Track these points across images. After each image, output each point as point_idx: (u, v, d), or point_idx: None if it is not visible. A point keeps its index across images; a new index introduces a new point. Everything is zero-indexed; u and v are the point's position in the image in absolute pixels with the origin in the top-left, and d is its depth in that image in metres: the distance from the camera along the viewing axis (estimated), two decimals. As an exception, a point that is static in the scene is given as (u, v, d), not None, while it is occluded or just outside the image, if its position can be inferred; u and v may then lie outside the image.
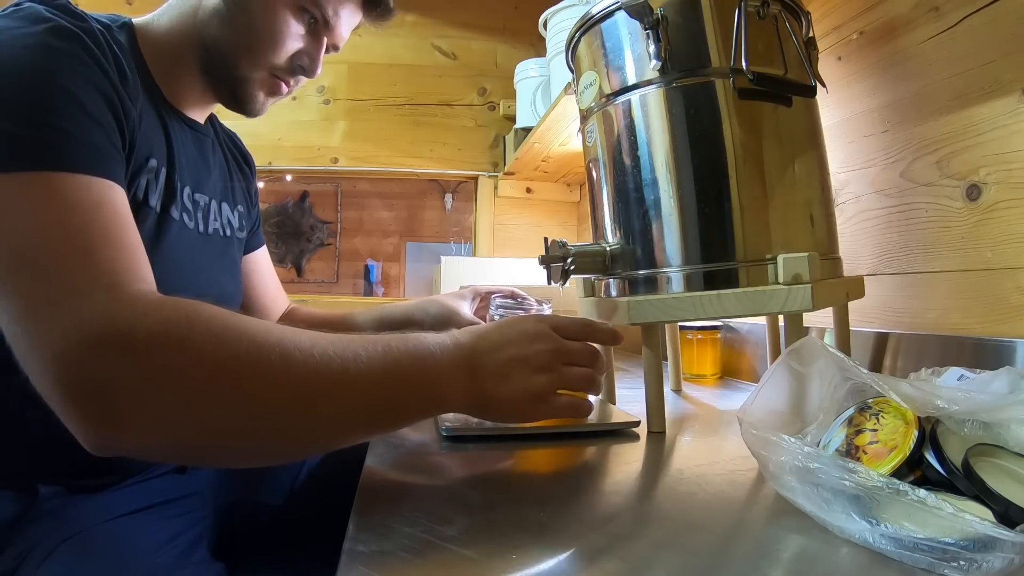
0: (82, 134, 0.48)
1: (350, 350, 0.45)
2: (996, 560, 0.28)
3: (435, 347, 0.49)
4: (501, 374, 0.49)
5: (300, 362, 0.42)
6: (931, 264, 0.72)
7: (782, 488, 0.41)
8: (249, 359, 0.41)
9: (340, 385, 0.43)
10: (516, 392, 0.49)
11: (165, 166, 0.64)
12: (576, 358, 0.53)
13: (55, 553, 0.55)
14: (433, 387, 0.47)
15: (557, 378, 0.51)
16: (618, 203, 0.67)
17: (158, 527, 0.62)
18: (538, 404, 0.50)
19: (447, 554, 0.35)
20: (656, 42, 0.61)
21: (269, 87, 0.71)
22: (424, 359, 0.47)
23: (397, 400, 0.46)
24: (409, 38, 1.99)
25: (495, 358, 0.50)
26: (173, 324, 0.41)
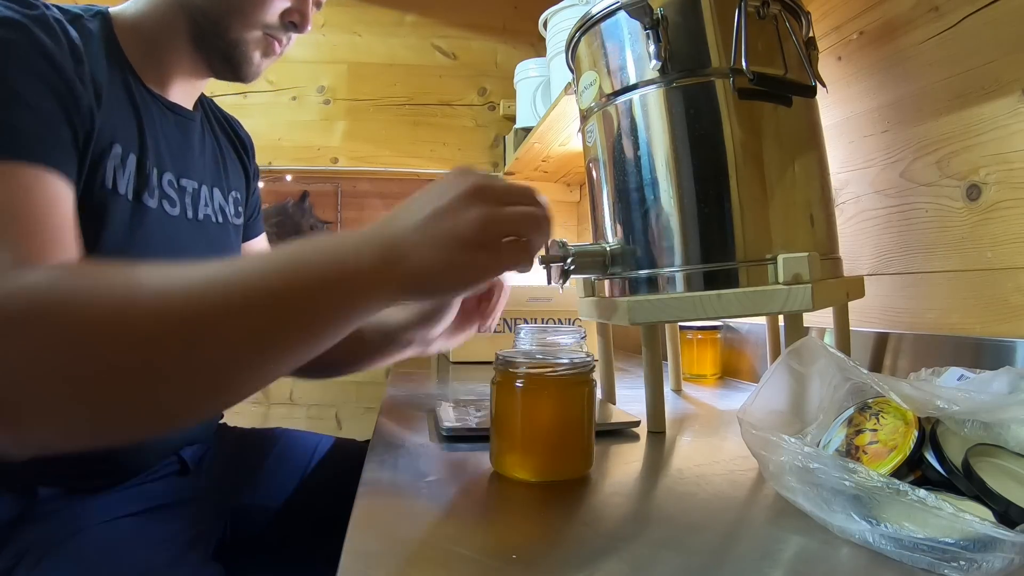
0: (17, 123, 0.48)
1: (251, 263, 0.40)
2: (996, 560, 0.28)
3: (339, 235, 0.43)
4: (420, 228, 0.42)
5: (182, 290, 0.38)
6: (931, 264, 0.72)
7: (782, 488, 0.41)
8: (125, 303, 0.37)
9: (234, 298, 0.38)
10: (442, 241, 0.41)
11: (136, 152, 0.63)
12: (513, 196, 0.44)
13: (52, 553, 0.55)
14: (339, 267, 0.40)
15: (492, 213, 0.42)
16: (618, 203, 0.67)
17: (155, 528, 0.63)
18: (476, 253, 0.42)
19: (447, 554, 0.35)
20: (656, 42, 0.61)
21: (263, 47, 0.70)
22: (324, 243, 0.42)
23: (299, 296, 0.40)
24: (409, 38, 1.99)
25: (410, 215, 0.43)
26: (34, 292, 0.37)
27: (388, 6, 1.97)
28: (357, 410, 1.91)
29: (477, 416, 0.66)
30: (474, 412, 0.68)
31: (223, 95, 1.86)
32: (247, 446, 0.86)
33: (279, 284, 0.39)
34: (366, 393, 1.92)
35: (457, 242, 0.41)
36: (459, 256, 0.41)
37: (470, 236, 0.41)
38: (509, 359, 0.49)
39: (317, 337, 0.41)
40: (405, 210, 0.44)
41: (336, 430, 1.90)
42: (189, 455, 0.74)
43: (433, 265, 0.41)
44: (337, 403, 1.91)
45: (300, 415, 1.89)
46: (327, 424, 1.90)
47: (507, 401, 0.49)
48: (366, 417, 1.90)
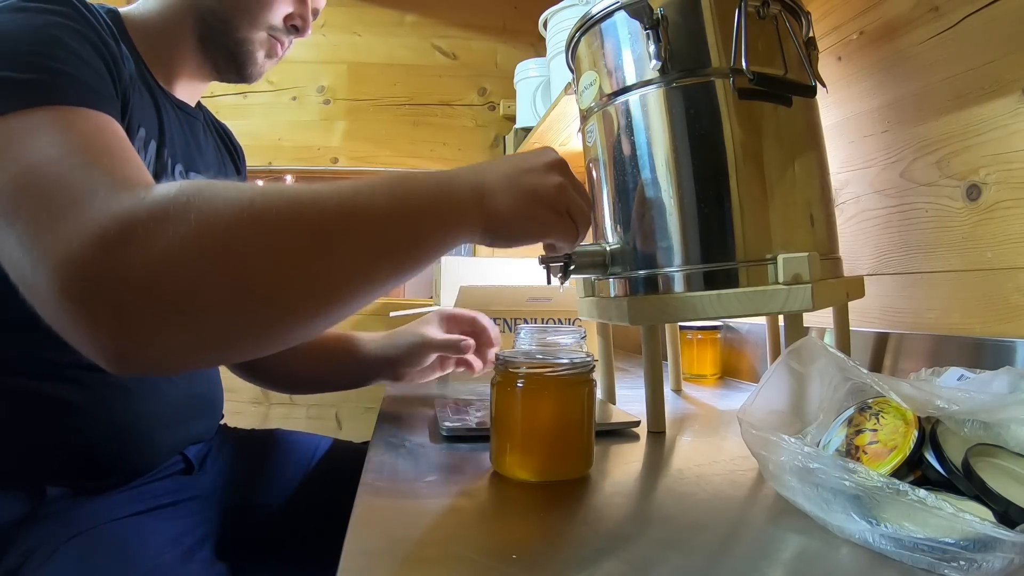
0: (79, 75, 0.49)
1: (358, 185, 0.43)
2: (996, 560, 0.28)
3: (437, 172, 0.49)
4: (508, 179, 0.50)
5: (309, 202, 0.40)
6: (931, 264, 0.72)
7: (782, 488, 0.41)
8: (255, 211, 0.38)
9: (354, 216, 0.42)
10: (523, 194, 0.50)
11: (155, 140, 0.66)
12: (579, 186, 0.54)
13: (59, 551, 0.55)
14: (441, 196, 0.47)
15: (567, 186, 0.52)
16: (618, 203, 0.67)
17: (162, 527, 0.63)
18: (546, 211, 0.51)
19: (447, 554, 0.35)
20: (656, 42, 0.61)
21: (267, 48, 0.74)
22: (426, 176, 0.48)
23: (408, 217, 0.44)
24: (409, 38, 1.99)
25: (500, 169, 0.51)
26: (171, 200, 0.38)
27: (388, 6, 1.97)
28: (357, 410, 1.91)
29: (477, 416, 0.66)
30: (474, 412, 0.68)
31: (223, 95, 1.86)
32: (248, 447, 0.86)
33: (390, 204, 0.44)
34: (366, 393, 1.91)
35: (535, 198, 0.50)
36: (535, 209, 0.50)
37: (545, 197, 0.51)
38: (509, 359, 0.49)
39: (415, 259, 0.45)
40: (495, 164, 0.51)
41: (336, 430, 1.90)
42: (193, 454, 0.74)
43: (512, 211, 0.49)
44: (337, 403, 1.91)
45: (300, 415, 1.89)
46: (327, 424, 1.90)
47: (507, 401, 0.49)
48: (366, 417, 1.90)
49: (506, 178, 0.50)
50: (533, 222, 0.50)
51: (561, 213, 0.52)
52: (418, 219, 0.45)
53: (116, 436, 0.63)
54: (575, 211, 0.53)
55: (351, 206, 0.42)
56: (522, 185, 0.50)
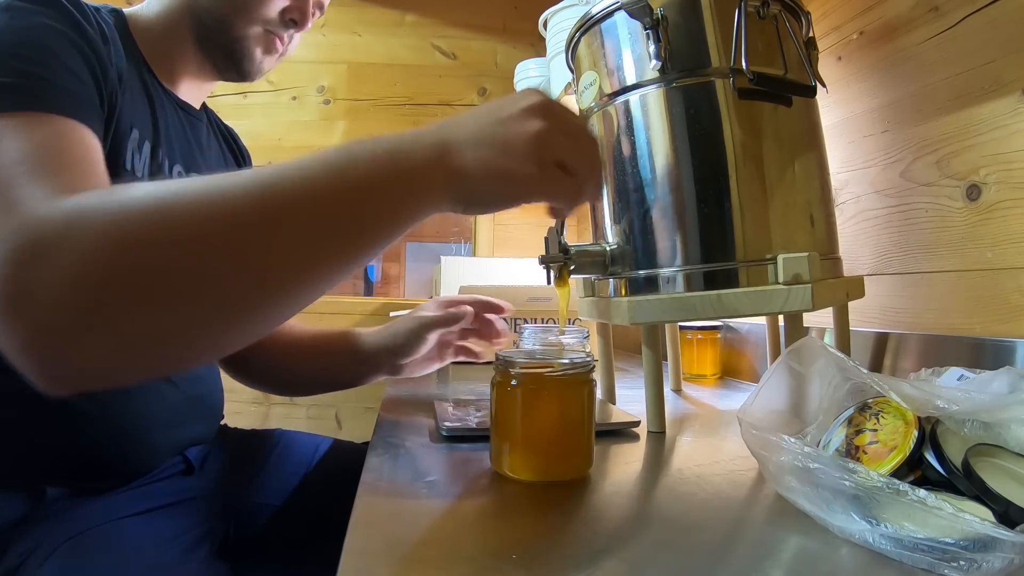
0: (54, 80, 0.49)
1: (289, 164, 0.38)
2: (996, 560, 0.28)
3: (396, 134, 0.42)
4: (477, 131, 0.42)
5: (225, 190, 0.36)
6: (931, 264, 0.72)
7: (782, 488, 0.41)
8: (164, 207, 0.35)
9: (277, 201, 0.36)
10: (495, 145, 0.41)
11: (150, 140, 0.66)
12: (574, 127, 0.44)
13: (58, 551, 0.55)
14: (391, 163, 0.40)
15: (550, 130, 0.42)
16: (618, 203, 0.67)
17: (162, 527, 0.63)
18: (525, 164, 0.41)
19: (447, 554, 0.35)
20: (656, 42, 0.61)
21: (265, 44, 0.73)
22: (377, 141, 0.41)
23: (349, 195, 0.38)
24: (409, 38, 1.99)
25: (470, 119, 0.43)
26: (84, 206, 0.35)
27: (388, 6, 1.97)
28: (357, 410, 1.91)
29: (477, 416, 0.66)
30: (474, 412, 0.68)
31: (223, 95, 1.86)
32: (249, 447, 0.86)
33: (326, 181, 0.38)
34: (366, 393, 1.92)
35: (509, 149, 0.41)
36: (508, 163, 0.41)
37: (522, 146, 0.41)
38: (509, 359, 0.49)
39: (367, 241, 0.39)
40: (466, 115, 0.44)
41: (336, 430, 1.90)
42: (194, 455, 0.74)
43: (483, 167, 0.41)
44: (337, 403, 1.91)
45: (300, 415, 1.89)
46: (327, 424, 1.90)
47: (507, 401, 0.49)
48: (366, 417, 1.90)
49: (473, 131, 0.42)
50: (508, 179, 0.41)
51: (545, 165, 0.42)
52: (363, 195, 0.39)
53: (116, 437, 0.63)
54: (570, 159, 0.43)
55: (274, 191, 0.36)
56: (493, 136, 0.42)
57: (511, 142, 0.41)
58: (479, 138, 0.42)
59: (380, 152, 0.40)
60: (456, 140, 0.42)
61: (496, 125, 0.42)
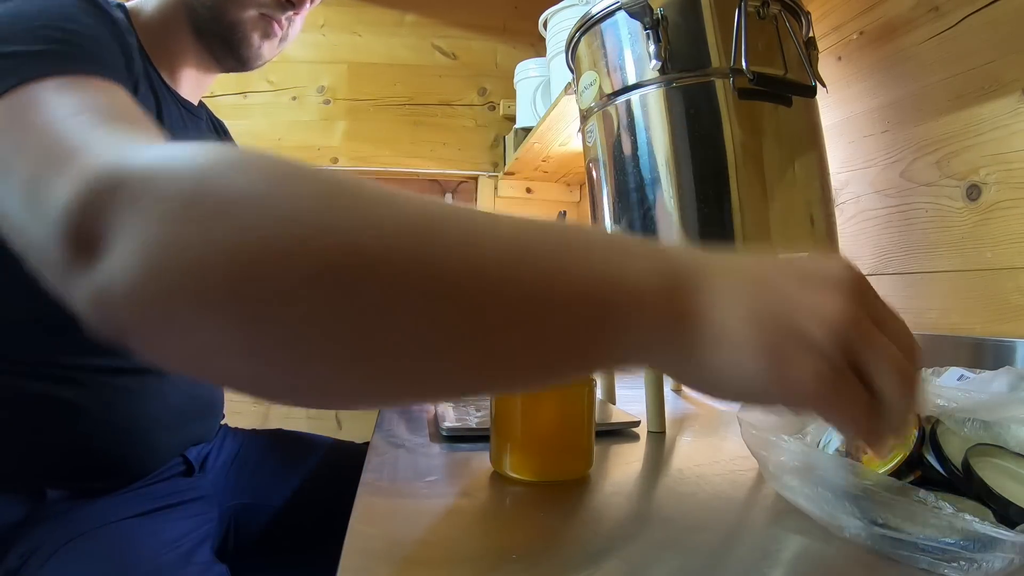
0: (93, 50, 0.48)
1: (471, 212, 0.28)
2: (996, 560, 0.28)
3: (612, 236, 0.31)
4: (749, 284, 0.28)
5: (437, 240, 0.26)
6: (931, 264, 0.72)
7: (782, 488, 0.41)
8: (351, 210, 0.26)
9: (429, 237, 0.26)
10: (763, 309, 0.27)
11: None
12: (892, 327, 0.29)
13: (59, 553, 0.55)
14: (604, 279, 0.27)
15: (859, 324, 0.28)
16: (618, 203, 0.67)
17: (162, 528, 0.63)
18: (804, 357, 0.27)
19: (447, 554, 0.35)
20: (656, 42, 0.61)
21: (262, 29, 0.71)
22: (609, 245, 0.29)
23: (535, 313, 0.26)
24: (409, 38, 1.99)
25: (741, 264, 0.30)
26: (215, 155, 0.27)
27: (388, 6, 1.97)
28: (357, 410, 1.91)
29: (477, 416, 0.66)
30: (474, 412, 0.68)
31: (223, 95, 1.86)
32: (248, 447, 0.86)
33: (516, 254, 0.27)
34: (366, 393, 1.92)
35: (793, 322, 0.27)
36: (784, 341, 0.27)
37: (816, 326, 0.27)
38: None
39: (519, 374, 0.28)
40: (735, 254, 0.31)
41: (336, 430, 1.90)
42: (194, 455, 0.74)
43: (739, 332, 0.27)
44: (337, 403, 1.91)
45: (300, 415, 1.89)
46: (327, 424, 1.90)
47: (507, 401, 0.49)
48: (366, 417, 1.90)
49: (740, 274, 0.29)
50: (778, 365, 0.27)
51: (838, 364, 0.27)
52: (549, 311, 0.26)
53: (117, 438, 0.63)
54: (876, 367, 0.28)
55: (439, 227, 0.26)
56: (771, 293, 0.28)
57: (799, 313, 0.27)
58: (747, 289, 0.28)
59: (597, 259, 0.28)
60: (706, 276, 0.28)
61: (780, 279, 0.29)
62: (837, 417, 0.28)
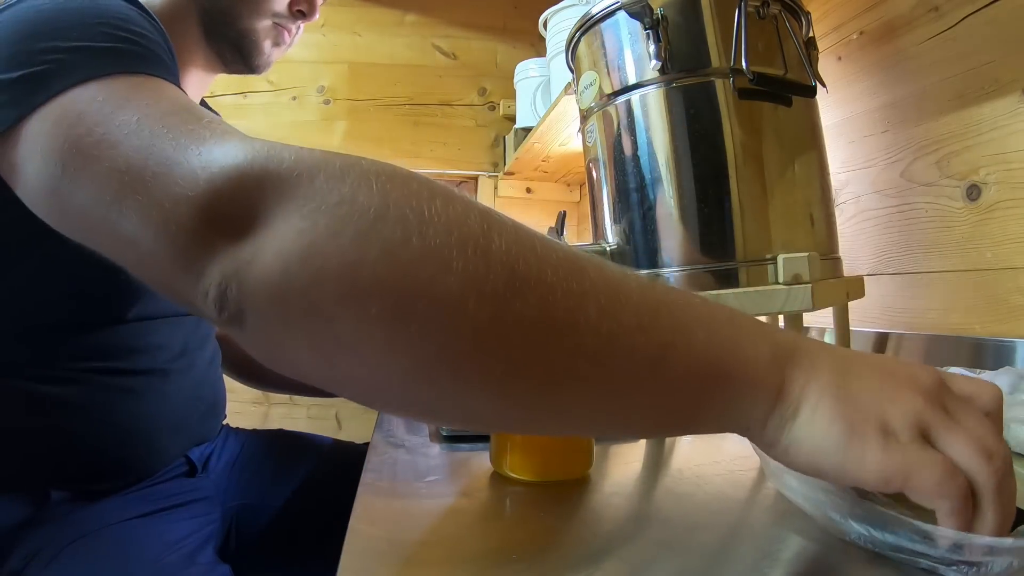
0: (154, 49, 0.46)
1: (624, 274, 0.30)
2: (996, 563, 0.28)
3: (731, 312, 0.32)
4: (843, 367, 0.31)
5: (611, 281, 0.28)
6: (931, 264, 0.72)
7: (783, 488, 0.41)
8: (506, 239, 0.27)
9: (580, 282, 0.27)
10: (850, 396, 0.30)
11: None
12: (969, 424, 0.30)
13: (63, 554, 0.55)
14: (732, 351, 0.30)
15: (937, 425, 0.29)
16: (618, 203, 0.67)
17: (166, 529, 0.63)
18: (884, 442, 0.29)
19: (447, 554, 0.35)
20: (656, 42, 0.61)
21: (273, 37, 0.71)
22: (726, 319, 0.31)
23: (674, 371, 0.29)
24: (409, 38, 1.99)
25: (838, 353, 0.32)
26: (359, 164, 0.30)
27: (388, 6, 1.97)
28: (357, 410, 1.91)
29: (477, 416, 0.66)
30: (474, 412, 0.68)
31: (223, 95, 1.86)
32: (249, 447, 0.86)
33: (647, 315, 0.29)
34: (366, 393, 1.92)
35: (865, 405, 0.29)
36: (854, 419, 0.29)
37: (886, 411, 0.29)
38: None
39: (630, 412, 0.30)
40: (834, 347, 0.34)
41: (336, 430, 1.90)
42: (196, 456, 0.74)
43: (816, 408, 0.29)
44: (337, 403, 1.91)
45: (300, 415, 1.89)
46: (327, 424, 1.90)
47: (507, 401, 0.49)
48: (366, 417, 1.90)
49: (835, 358, 0.32)
50: (850, 439, 0.29)
51: (925, 447, 0.29)
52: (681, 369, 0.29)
53: (120, 440, 0.63)
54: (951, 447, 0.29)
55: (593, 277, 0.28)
56: (857, 379, 0.31)
57: (880, 399, 0.30)
58: (837, 369, 0.31)
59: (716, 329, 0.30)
60: (805, 354, 0.31)
61: (867, 369, 0.31)
62: (919, 491, 0.28)
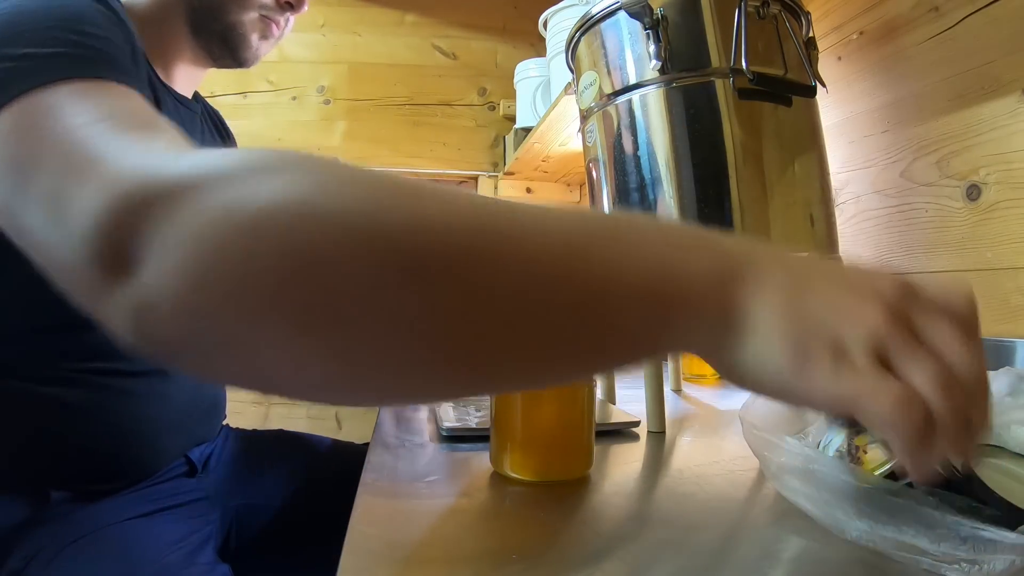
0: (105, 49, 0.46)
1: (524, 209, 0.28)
2: (997, 562, 0.28)
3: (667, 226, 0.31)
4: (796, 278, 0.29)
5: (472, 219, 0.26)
6: (931, 264, 0.72)
7: (783, 488, 0.41)
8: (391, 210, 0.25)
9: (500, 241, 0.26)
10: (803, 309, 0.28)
11: None
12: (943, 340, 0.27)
13: (63, 554, 0.55)
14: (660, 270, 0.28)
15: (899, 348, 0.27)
16: (618, 203, 0.66)
17: (166, 529, 0.63)
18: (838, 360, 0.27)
19: (447, 554, 0.35)
20: (656, 42, 0.61)
21: (261, 29, 0.71)
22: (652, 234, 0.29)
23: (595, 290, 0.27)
24: (409, 38, 1.99)
25: (786, 258, 0.30)
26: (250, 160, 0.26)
27: (388, 6, 1.97)
28: (357, 410, 1.91)
29: (477, 416, 0.66)
30: (474, 412, 0.68)
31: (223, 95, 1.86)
32: (249, 447, 0.86)
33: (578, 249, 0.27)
34: (366, 393, 1.91)
35: (817, 322, 0.27)
36: (804, 337, 0.27)
37: (840, 329, 0.27)
38: None
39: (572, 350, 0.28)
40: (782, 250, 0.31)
41: (336, 430, 1.90)
42: (196, 456, 0.74)
43: (764, 325, 0.27)
44: (337, 403, 1.91)
45: (300, 415, 1.89)
46: (327, 424, 1.90)
47: (507, 401, 0.49)
48: (366, 417, 1.90)
49: (789, 270, 0.29)
50: (799, 358, 0.27)
51: (881, 372, 0.26)
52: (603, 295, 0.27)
53: (121, 440, 0.63)
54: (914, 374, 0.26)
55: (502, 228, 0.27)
56: (812, 292, 0.28)
57: (834, 315, 0.27)
58: (789, 283, 0.28)
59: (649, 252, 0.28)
60: (754, 267, 0.29)
61: (824, 281, 0.29)
62: (869, 419, 0.27)
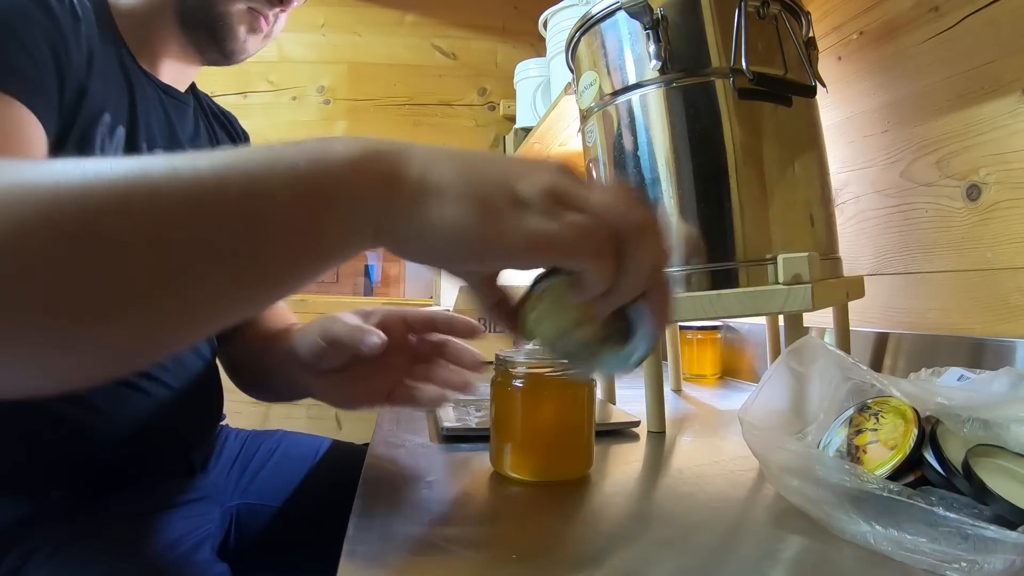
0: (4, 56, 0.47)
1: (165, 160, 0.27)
2: (997, 561, 0.28)
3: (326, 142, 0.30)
4: (453, 155, 0.30)
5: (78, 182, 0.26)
6: (931, 264, 0.72)
7: (783, 488, 0.41)
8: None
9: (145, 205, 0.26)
10: (478, 175, 0.29)
11: (124, 125, 0.64)
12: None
13: (60, 552, 0.55)
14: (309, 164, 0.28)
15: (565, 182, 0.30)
16: (618, 203, 0.66)
17: (164, 528, 0.63)
18: (518, 210, 0.29)
19: (447, 555, 0.35)
20: (656, 42, 0.61)
21: (248, 22, 0.70)
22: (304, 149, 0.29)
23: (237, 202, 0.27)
24: (409, 38, 1.99)
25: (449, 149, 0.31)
26: None
27: (388, 6, 1.97)
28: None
29: (477, 416, 0.66)
30: (474, 412, 0.68)
31: (223, 95, 1.86)
32: (249, 447, 0.86)
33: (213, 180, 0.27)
34: (366, 393, 1.91)
35: (492, 180, 0.29)
36: (482, 193, 0.28)
37: (515, 184, 0.29)
38: (509, 359, 0.49)
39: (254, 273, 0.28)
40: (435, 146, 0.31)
41: (336, 430, 1.90)
42: (195, 456, 0.74)
43: (437, 186, 0.28)
44: (337, 403, 1.91)
45: (300, 415, 1.89)
46: (327, 424, 1.90)
47: (507, 401, 0.49)
48: (366, 417, 1.90)
49: (447, 150, 0.31)
50: (483, 213, 0.28)
51: (556, 217, 0.29)
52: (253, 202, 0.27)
53: (119, 440, 0.63)
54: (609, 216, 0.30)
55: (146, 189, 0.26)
56: (478, 160, 0.30)
57: (506, 174, 0.30)
58: (450, 155, 0.30)
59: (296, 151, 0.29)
60: (406, 147, 0.30)
61: (486, 156, 0.31)
62: (562, 256, 0.29)
